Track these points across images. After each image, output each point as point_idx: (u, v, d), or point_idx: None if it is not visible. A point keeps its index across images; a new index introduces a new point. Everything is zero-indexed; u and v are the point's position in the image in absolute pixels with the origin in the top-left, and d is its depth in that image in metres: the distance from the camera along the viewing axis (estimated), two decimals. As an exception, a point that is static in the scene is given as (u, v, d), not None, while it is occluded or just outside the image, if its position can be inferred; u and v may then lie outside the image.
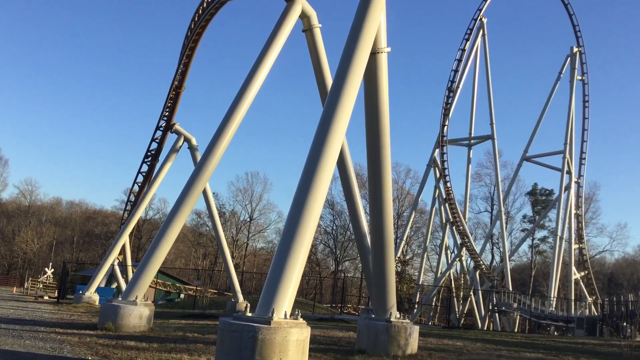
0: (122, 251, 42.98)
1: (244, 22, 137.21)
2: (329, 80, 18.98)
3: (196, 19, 33.52)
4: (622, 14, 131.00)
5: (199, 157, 32.25)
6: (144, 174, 42.58)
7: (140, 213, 41.55)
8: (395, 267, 26.42)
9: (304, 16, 19.84)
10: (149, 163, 41.96)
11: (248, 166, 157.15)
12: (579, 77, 56.99)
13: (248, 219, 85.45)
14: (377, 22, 12.97)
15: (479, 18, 53.41)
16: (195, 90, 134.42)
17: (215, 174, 20.24)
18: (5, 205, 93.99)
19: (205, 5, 31.04)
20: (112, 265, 40.93)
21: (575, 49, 56.86)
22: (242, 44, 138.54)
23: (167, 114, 39.55)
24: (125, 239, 40.62)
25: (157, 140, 40.99)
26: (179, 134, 38.25)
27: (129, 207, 44.74)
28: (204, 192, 38.04)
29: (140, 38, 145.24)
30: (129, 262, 43.88)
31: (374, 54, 13.55)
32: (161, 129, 40.39)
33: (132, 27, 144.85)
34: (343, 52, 12.42)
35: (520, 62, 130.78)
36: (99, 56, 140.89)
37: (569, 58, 57.17)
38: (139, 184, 43.09)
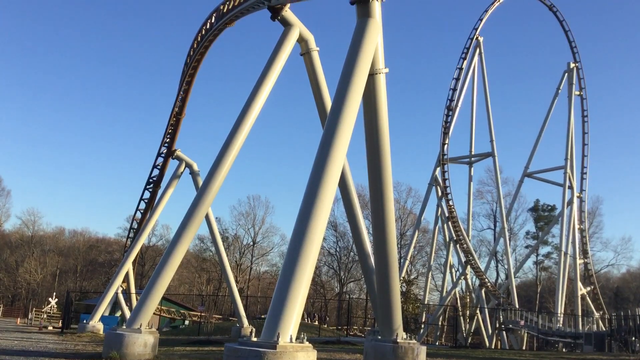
0: (126, 279, 42.84)
1: (243, 46, 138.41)
2: (329, 102, 19.09)
3: (195, 45, 33.77)
4: (619, 29, 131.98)
5: (200, 182, 32.31)
6: (146, 200, 42.61)
7: (143, 240, 41.48)
8: (400, 287, 26.32)
9: (301, 40, 20.04)
10: (150, 190, 42.01)
11: (250, 190, 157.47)
12: (577, 92, 57.21)
13: (251, 243, 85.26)
14: (374, 44, 13.11)
15: (475, 37, 53.82)
16: (196, 115, 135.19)
17: (217, 199, 20.26)
18: (8, 236, 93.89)
19: (204, 32, 31.27)
20: (116, 293, 40.74)
21: (572, 65, 57.17)
22: (241, 69, 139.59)
23: (168, 140, 39.69)
24: (128, 266, 40.51)
25: (159, 167, 41.08)
26: (180, 160, 38.37)
27: (131, 235, 44.68)
28: (207, 217, 38.03)
29: (139, 66, 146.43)
30: (133, 289, 43.69)
31: (372, 75, 13.67)
32: (162, 155, 40.50)
33: (130, 55, 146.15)
34: (341, 74, 12.54)
35: (519, 78, 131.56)
36: (98, 83, 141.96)
37: (566, 74, 57.46)
38: (141, 211, 43.10)
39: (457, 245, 51.00)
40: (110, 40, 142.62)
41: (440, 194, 52.17)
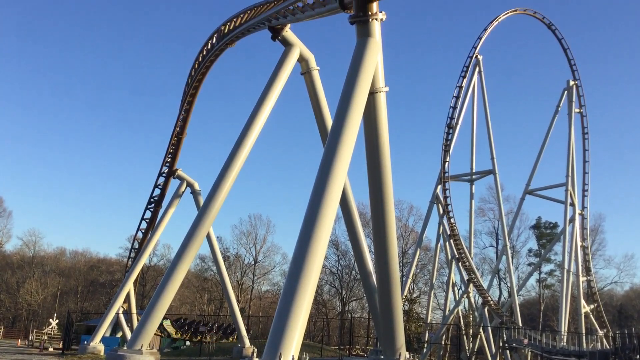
0: (127, 299, 42.67)
1: (244, 66, 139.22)
2: (329, 121, 19.18)
3: (196, 65, 34.02)
4: (619, 44, 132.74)
5: (202, 201, 32.33)
6: (147, 220, 42.59)
7: (144, 260, 41.40)
8: (403, 305, 26.15)
9: (302, 59, 20.18)
10: (152, 209, 42.02)
11: (251, 208, 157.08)
12: (577, 110, 57.36)
13: (252, 262, 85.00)
14: (374, 63, 13.19)
15: (475, 55, 54.10)
16: (197, 134, 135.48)
17: (218, 218, 20.27)
18: (10, 257, 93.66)
19: (205, 52, 31.54)
20: (117, 314, 40.53)
21: (571, 82, 57.38)
22: (243, 88, 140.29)
23: (169, 160, 39.79)
24: (129, 286, 40.36)
25: (160, 187, 41.15)
26: (181, 179, 38.44)
27: (133, 255, 44.59)
28: (208, 237, 37.97)
29: (140, 86, 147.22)
30: (134, 310, 43.48)
31: (372, 93, 13.75)
32: (164, 175, 40.57)
33: (132, 75, 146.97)
34: (342, 93, 12.60)
35: (519, 96, 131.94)
36: (99, 104, 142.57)
37: (566, 91, 57.64)
38: (143, 231, 43.06)
39: (460, 264, 50.79)
40: (111, 60, 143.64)
41: (441, 211, 52.07)
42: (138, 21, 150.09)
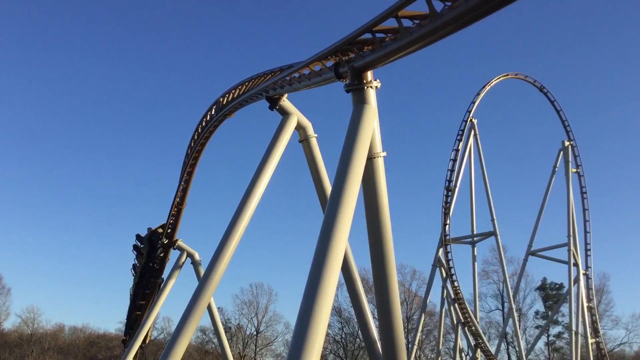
0: (127, 376, 41.53)
1: (244, 134, 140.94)
2: (328, 187, 19.25)
3: (196, 137, 34.44)
4: (613, 102, 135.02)
5: (202, 271, 32.05)
6: (147, 293, 42.05)
7: (143, 334, 40.57)
8: (409, 374, 25.49)
9: (299, 127, 20.46)
10: (152, 282, 41.57)
11: (252, 277, 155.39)
12: (574, 170, 57.70)
13: (254, 333, 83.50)
14: (370, 129, 13.38)
15: (469, 119, 54.92)
16: (197, 203, 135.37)
17: (219, 288, 19.98)
18: (8, 335, 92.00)
19: (204, 123, 32.00)
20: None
21: (566, 143, 57.99)
22: (242, 156, 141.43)
23: (169, 230, 39.68)
24: (129, 362, 39.39)
25: (161, 258, 40.83)
26: (181, 250, 38.22)
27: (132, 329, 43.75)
28: (209, 308, 37.39)
29: (139, 156, 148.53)
30: (134, 386, 42.28)
31: (370, 159, 13.87)
32: (164, 246, 40.36)
33: (131, 145, 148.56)
34: (340, 160, 12.71)
35: (515, 156, 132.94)
36: (97, 176, 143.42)
37: (562, 152, 58.19)
38: (143, 304, 42.43)
39: (466, 328, 49.84)
40: (110, 132, 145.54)
41: (444, 275, 51.53)
42: (136, 89, 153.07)
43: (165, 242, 39.74)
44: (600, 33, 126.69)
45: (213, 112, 29.70)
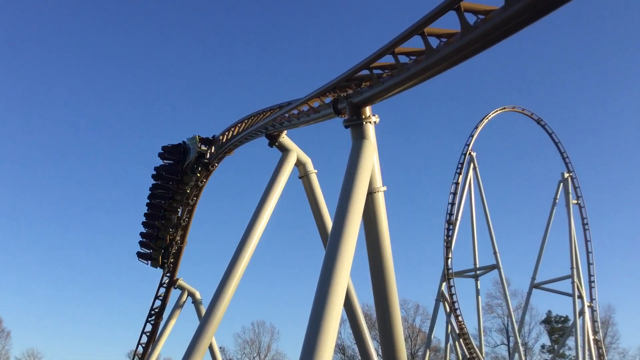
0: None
1: (243, 171, 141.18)
2: (329, 223, 19.21)
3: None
4: (610, 132, 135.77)
5: (203, 310, 31.73)
6: (147, 334, 41.49)
7: (144, 376, 39.97)
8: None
9: (299, 163, 20.53)
10: (152, 322, 41.07)
11: (254, 315, 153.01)
12: (574, 201, 57.62)
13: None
14: (370, 164, 13.42)
15: (468, 152, 55.14)
16: (197, 240, 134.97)
17: (221, 327, 19.75)
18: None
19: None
20: None
21: (566, 175, 58.06)
22: (242, 192, 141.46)
23: (170, 270, 39.42)
24: (129, 405, 38.77)
25: (161, 298, 40.45)
26: (182, 289, 37.89)
27: (133, 371, 43.08)
28: (210, 348, 36.86)
29: (138, 193, 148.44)
30: None
31: (370, 193, 13.87)
32: (164, 285, 40.02)
33: (129, 181, 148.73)
34: (340, 195, 12.73)
35: (516, 188, 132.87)
36: (96, 217, 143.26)
37: (562, 183, 58.24)
38: (143, 345, 41.80)
39: (471, 364, 49.14)
40: (107, 167, 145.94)
41: (448, 309, 51.07)
42: (135, 128, 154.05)
43: (166, 282, 39.40)
44: (592, 59, 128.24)
45: (213, 150, 29.83)
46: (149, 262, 38.48)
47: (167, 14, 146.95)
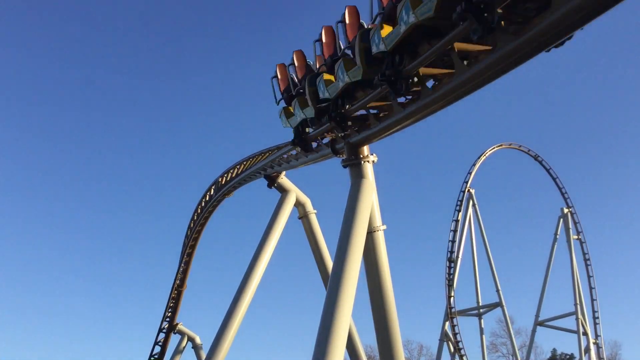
0: None
1: (243, 212, 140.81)
2: (330, 263, 19.14)
3: (195, 217, 34.50)
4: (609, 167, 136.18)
5: (203, 355, 31.27)
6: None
7: None
8: None
9: (298, 204, 20.58)
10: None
11: (255, 359, 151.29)
12: (575, 237, 57.35)
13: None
14: (369, 203, 13.46)
15: (467, 189, 55.16)
16: (197, 282, 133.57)
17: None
18: None
19: (203, 203, 32.16)
20: None
21: (565, 210, 57.95)
22: (243, 235, 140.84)
23: (169, 314, 39.01)
24: None
25: (160, 343, 39.88)
26: (182, 333, 37.45)
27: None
28: (211, 394, 36.23)
29: (139, 238, 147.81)
30: None
31: (370, 232, 13.86)
32: (164, 331, 39.53)
33: (129, 227, 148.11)
34: (340, 235, 12.72)
35: (516, 224, 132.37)
36: (92, 261, 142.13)
37: (561, 219, 58.08)
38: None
39: (478, 405, 48.21)
40: (106, 212, 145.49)
41: (452, 349, 50.32)
42: (128, 172, 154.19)
43: (166, 327, 38.87)
44: (587, 95, 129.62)
45: (212, 192, 29.90)
46: None
47: (162, 61, 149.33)
